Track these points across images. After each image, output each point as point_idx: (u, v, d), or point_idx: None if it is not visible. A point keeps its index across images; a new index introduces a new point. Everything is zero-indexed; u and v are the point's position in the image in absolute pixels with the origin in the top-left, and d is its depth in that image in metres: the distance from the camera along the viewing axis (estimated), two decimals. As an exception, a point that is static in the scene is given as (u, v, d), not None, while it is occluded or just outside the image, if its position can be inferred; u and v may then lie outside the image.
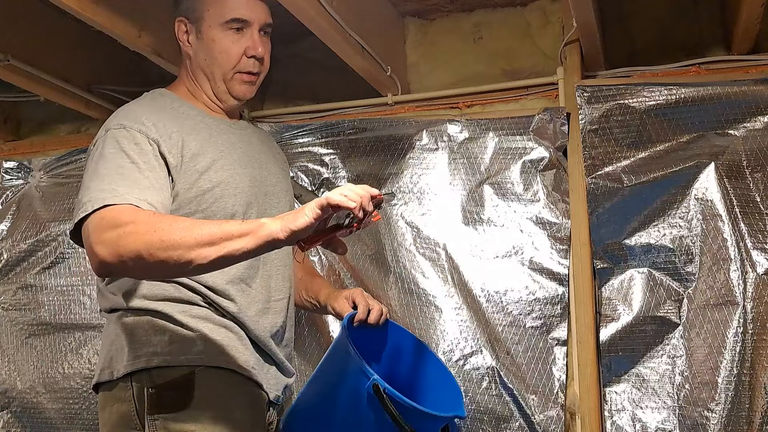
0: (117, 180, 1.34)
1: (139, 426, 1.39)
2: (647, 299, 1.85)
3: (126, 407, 1.41)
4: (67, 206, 2.41)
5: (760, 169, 1.84)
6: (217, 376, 1.43)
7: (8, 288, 2.41)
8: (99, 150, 1.42)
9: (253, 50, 1.58)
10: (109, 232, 1.25)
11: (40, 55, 2.10)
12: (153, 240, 1.23)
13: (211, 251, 1.24)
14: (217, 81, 1.60)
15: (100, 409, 1.48)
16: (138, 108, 1.51)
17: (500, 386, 1.90)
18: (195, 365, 1.41)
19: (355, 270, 2.10)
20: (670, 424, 1.78)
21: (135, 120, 1.45)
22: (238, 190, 1.53)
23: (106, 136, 1.43)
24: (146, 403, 1.39)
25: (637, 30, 2.11)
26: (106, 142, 1.42)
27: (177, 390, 1.39)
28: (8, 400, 2.31)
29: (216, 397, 1.42)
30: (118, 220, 1.26)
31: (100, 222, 1.28)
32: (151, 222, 1.26)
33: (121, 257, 1.24)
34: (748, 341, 1.76)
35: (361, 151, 2.17)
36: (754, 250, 1.81)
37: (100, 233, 1.26)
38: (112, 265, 1.26)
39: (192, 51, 1.60)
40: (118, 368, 1.43)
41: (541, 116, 2.02)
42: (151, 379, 1.40)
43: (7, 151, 2.64)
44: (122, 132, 1.42)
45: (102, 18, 1.74)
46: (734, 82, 1.90)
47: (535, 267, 1.95)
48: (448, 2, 2.19)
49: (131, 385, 1.41)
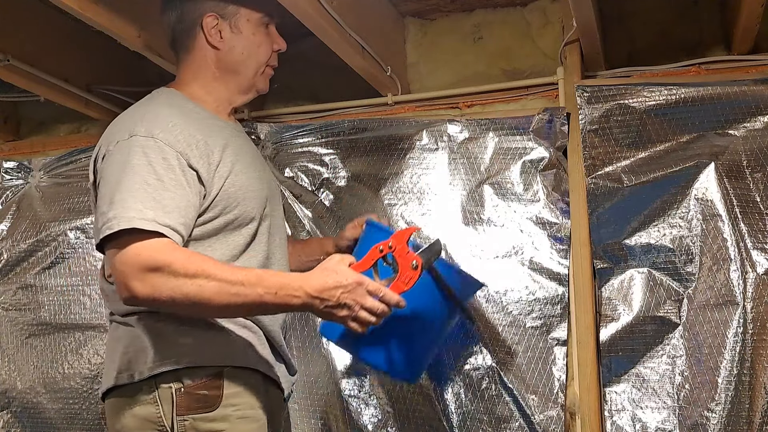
0: (143, 198, 1.33)
1: (165, 428, 1.39)
2: (647, 299, 1.85)
3: (149, 409, 1.40)
4: (67, 206, 2.41)
5: (760, 169, 1.84)
6: (242, 376, 1.45)
7: (8, 288, 2.41)
8: (123, 157, 1.37)
9: (279, 45, 1.65)
10: (147, 273, 1.28)
11: (40, 55, 2.10)
12: (189, 291, 1.28)
13: (238, 311, 1.39)
14: (250, 75, 1.62)
15: (112, 414, 1.45)
16: (162, 112, 1.47)
17: (500, 386, 1.90)
18: (223, 365, 1.42)
19: (355, 270, 2.10)
20: (670, 424, 1.78)
21: (163, 129, 1.41)
22: (255, 193, 1.54)
23: (132, 144, 1.38)
24: (174, 404, 1.38)
25: (637, 30, 2.11)
26: (132, 151, 1.37)
27: (206, 390, 1.40)
28: (8, 400, 2.31)
29: (242, 397, 1.43)
30: (156, 261, 1.28)
31: (137, 259, 1.28)
32: (188, 269, 1.29)
33: (155, 299, 1.29)
34: (748, 341, 1.76)
35: (361, 151, 2.17)
36: (754, 250, 1.81)
37: (137, 271, 1.28)
38: (143, 302, 1.30)
39: (226, 46, 1.59)
40: (140, 370, 1.41)
41: (541, 116, 2.02)
42: (178, 379, 1.40)
43: (7, 151, 2.64)
44: (150, 142, 1.38)
45: (102, 18, 1.74)
46: (734, 82, 1.90)
47: (535, 267, 1.95)
48: (448, 2, 2.19)
49: (155, 386, 1.40)
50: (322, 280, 1.35)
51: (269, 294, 1.32)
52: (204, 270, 1.29)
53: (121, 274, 1.30)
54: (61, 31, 2.16)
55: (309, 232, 2.15)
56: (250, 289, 1.31)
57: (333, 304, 1.35)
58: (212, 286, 1.29)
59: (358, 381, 2.04)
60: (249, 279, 1.31)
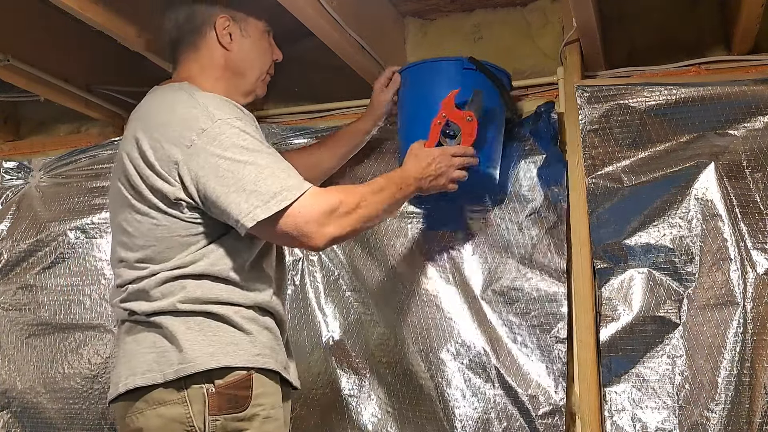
0: (282, 166, 1.45)
1: (195, 428, 1.39)
2: (647, 299, 1.85)
3: (177, 410, 1.40)
4: (67, 206, 2.41)
5: (760, 169, 1.84)
6: (267, 376, 1.47)
7: (8, 288, 2.41)
8: (229, 140, 1.42)
9: (277, 55, 1.74)
10: (330, 216, 1.43)
11: (40, 55, 2.10)
12: (362, 215, 1.49)
13: (387, 215, 1.61)
14: (253, 79, 1.67)
15: (128, 414, 1.44)
16: (216, 97, 1.52)
17: (500, 386, 1.90)
18: (252, 367, 1.44)
19: (356, 270, 2.10)
20: (670, 424, 1.78)
21: (233, 112, 1.50)
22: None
23: (223, 128, 1.43)
24: (207, 404, 1.39)
25: (637, 30, 2.11)
26: (232, 132, 1.43)
27: (237, 390, 1.42)
28: (8, 400, 2.31)
29: (266, 397, 1.46)
30: (330, 205, 1.44)
31: (317, 210, 1.42)
32: (350, 200, 1.47)
33: (344, 235, 1.46)
34: (748, 341, 1.76)
35: (362, 151, 2.16)
36: (754, 250, 1.81)
37: (323, 218, 1.43)
38: (338, 240, 1.46)
39: (235, 47, 1.63)
40: (167, 372, 1.41)
41: (536, 115, 2.01)
42: (210, 380, 1.41)
43: (7, 151, 2.64)
44: (237, 123, 1.46)
45: (102, 18, 1.74)
46: (734, 82, 1.90)
47: (535, 267, 1.95)
48: (448, 2, 2.19)
49: (184, 386, 1.40)
50: (417, 165, 1.66)
51: (399, 191, 1.59)
52: (360, 194, 1.50)
53: (307, 230, 1.41)
54: (61, 31, 2.16)
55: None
56: (388, 191, 1.56)
57: (433, 176, 1.67)
58: (371, 203, 1.51)
59: (358, 381, 2.05)
60: (382, 185, 1.57)
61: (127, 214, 1.50)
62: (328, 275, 2.13)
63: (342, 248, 2.13)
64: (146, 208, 1.47)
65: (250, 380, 1.43)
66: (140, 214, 1.48)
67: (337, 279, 2.12)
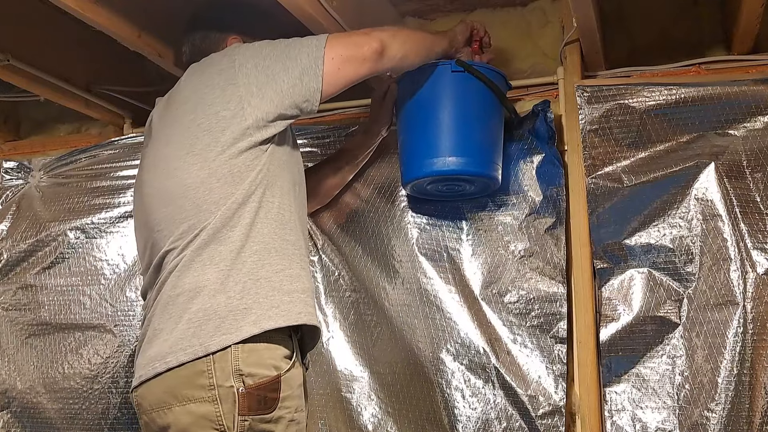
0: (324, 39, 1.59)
1: (224, 427, 1.41)
2: (647, 299, 1.85)
3: (207, 407, 1.41)
4: (67, 206, 2.41)
5: (760, 169, 1.84)
6: (293, 377, 1.50)
7: (8, 288, 2.41)
8: (251, 50, 1.58)
9: None
10: (364, 36, 1.62)
11: (40, 55, 2.10)
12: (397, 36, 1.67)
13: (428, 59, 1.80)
14: None
15: (155, 407, 1.45)
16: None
17: (500, 386, 1.90)
18: (282, 369, 1.46)
19: (356, 270, 2.10)
20: (670, 424, 1.78)
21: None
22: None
23: (239, 47, 1.61)
24: (237, 404, 1.41)
25: (637, 30, 2.11)
26: (249, 45, 1.61)
27: (266, 392, 1.44)
28: (8, 400, 2.32)
29: (292, 400, 1.49)
30: (359, 40, 1.62)
31: (352, 40, 1.62)
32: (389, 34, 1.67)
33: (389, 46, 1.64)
34: (748, 341, 1.76)
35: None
36: (754, 250, 1.81)
37: (362, 35, 1.62)
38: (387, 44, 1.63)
39: None
40: (208, 344, 1.43)
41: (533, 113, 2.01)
42: (242, 380, 1.42)
43: (7, 151, 2.65)
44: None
45: (102, 18, 1.74)
46: (734, 82, 1.90)
47: (535, 267, 1.95)
48: (448, 2, 2.19)
49: (215, 386, 1.41)
50: (448, 32, 1.88)
51: (435, 43, 1.79)
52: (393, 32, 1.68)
53: (360, 40, 1.61)
54: (61, 31, 2.17)
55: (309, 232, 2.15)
56: (430, 39, 1.79)
57: (461, 33, 1.88)
58: (412, 48, 1.70)
59: (358, 381, 2.05)
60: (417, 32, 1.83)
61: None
62: (328, 275, 2.13)
63: (342, 248, 2.13)
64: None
65: (279, 382, 1.46)
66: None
67: (337, 279, 2.12)
